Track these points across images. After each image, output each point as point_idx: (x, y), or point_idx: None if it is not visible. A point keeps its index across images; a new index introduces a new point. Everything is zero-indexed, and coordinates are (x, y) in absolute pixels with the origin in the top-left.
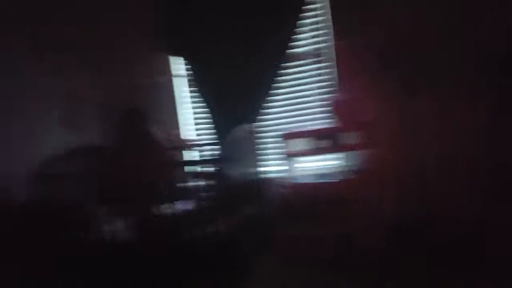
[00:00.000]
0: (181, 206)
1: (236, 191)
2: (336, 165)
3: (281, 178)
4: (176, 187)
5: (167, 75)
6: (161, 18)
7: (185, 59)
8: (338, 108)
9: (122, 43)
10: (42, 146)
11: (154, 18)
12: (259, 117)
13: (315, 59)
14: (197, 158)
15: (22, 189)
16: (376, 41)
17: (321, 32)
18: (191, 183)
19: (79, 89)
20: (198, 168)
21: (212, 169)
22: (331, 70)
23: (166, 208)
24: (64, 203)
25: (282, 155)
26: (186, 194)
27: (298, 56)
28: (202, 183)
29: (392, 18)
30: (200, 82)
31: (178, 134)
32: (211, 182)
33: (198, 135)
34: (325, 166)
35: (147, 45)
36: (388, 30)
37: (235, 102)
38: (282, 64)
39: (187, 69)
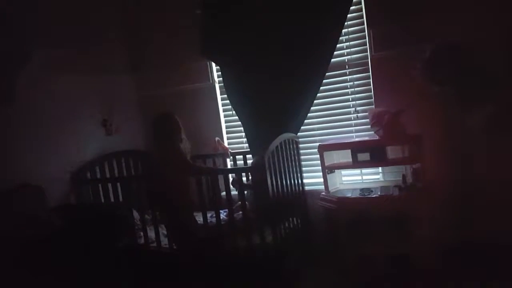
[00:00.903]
0: (221, 215)
1: (278, 201)
2: (378, 180)
3: (324, 190)
4: (217, 196)
5: (211, 82)
6: (207, 27)
7: (228, 68)
8: (379, 120)
9: (167, 51)
10: (85, 150)
11: (199, 27)
12: (301, 127)
13: (355, 69)
14: (239, 167)
15: (63, 191)
16: (419, 52)
17: (360, 41)
18: (232, 192)
19: (122, 94)
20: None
21: (253, 178)
22: (372, 80)
23: (206, 217)
24: (102, 207)
25: (324, 167)
26: (227, 203)
27: (339, 66)
28: (243, 192)
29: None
30: (243, 92)
31: (220, 142)
32: (252, 192)
33: (239, 143)
34: (367, 181)
35: (193, 54)
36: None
37: (277, 112)
38: (325, 74)
39: (230, 78)
